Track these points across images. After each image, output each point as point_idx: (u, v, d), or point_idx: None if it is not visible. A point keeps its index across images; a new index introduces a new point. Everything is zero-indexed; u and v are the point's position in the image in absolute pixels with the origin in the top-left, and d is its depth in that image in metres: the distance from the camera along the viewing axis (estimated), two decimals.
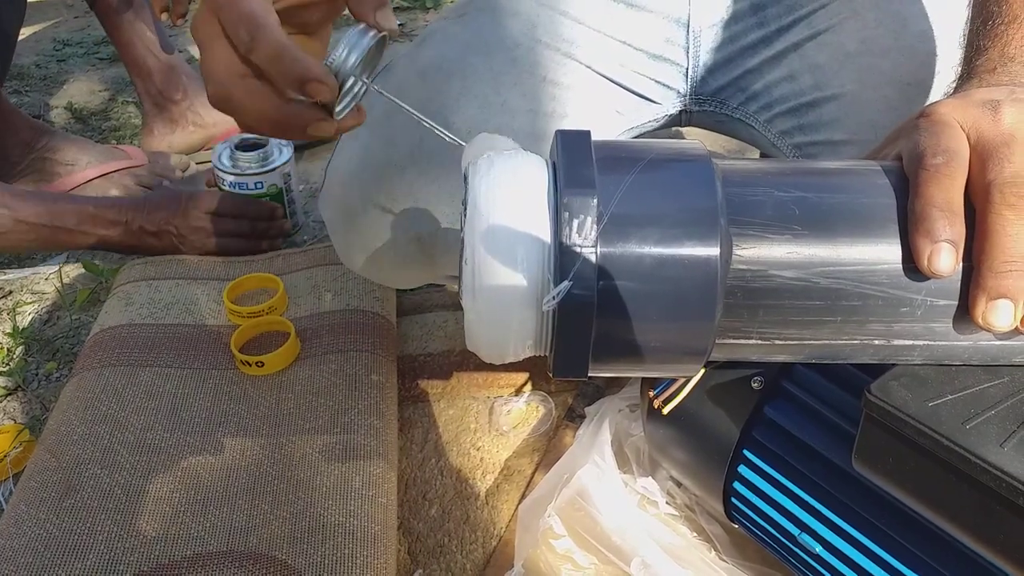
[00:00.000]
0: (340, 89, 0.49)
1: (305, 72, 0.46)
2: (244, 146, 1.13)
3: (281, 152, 1.12)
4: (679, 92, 0.79)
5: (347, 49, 0.48)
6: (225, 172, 1.10)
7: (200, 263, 0.99)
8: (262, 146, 1.11)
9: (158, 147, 1.34)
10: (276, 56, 0.46)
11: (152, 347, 0.84)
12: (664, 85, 0.78)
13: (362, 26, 0.50)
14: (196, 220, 1.03)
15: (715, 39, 0.76)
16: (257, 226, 1.07)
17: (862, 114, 0.69)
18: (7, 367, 0.96)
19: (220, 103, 0.49)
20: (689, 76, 0.78)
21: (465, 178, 0.42)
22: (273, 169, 1.10)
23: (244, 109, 0.49)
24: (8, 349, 0.98)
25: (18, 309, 1.05)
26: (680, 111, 0.81)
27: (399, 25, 1.86)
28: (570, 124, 0.75)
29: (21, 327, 1.01)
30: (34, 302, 1.07)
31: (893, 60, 0.70)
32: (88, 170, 1.19)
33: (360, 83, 0.51)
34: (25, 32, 1.13)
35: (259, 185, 1.10)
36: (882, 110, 0.69)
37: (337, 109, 0.50)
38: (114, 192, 1.20)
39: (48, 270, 1.12)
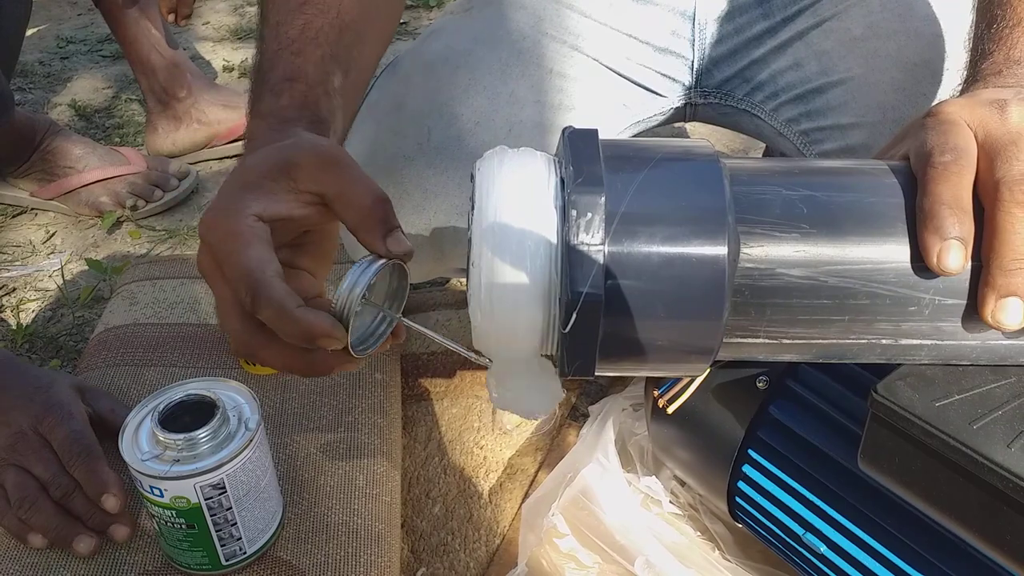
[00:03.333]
0: (347, 326, 0.44)
1: (309, 329, 0.43)
2: (180, 411, 0.60)
3: (233, 435, 0.59)
4: (684, 85, 0.79)
5: (351, 285, 0.44)
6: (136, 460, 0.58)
7: None
8: (208, 416, 0.58)
9: (162, 145, 1.34)
10: (279, 319, 0.44)
11: (156, 346, 0.84)
12: (670, 78, 0.79)
13: (372, 256, 0.46)
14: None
15: (720, 31, 0.76)
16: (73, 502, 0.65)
17: (869, 96, 0.70)
18: None
19: (244, 356, 0.47)
20: (694, 69, 0.78)
21: (472, 177, 0.42)
22: (199, 471, 0.57)
23: (268, 360, 0.47)
24: (12, 346, 0.98)
25: (21, 306, 1.06)
26: (685, 104, 0.81)
27: (402, 23, 1.86)
28: (576, 116, 0.75)
29: (24, 324, 1.01)
30: (37, 299, 1.07)
31: (899, 42, 0.70)
32: (86, 173, 1.19)
33: (385, 317, 0.48)
34: (29, 29, 1.13)
35: (158, 492, 0.58)
36: (889, 91, 0.69)
37: (359, 349, 0.46)
38: (104, 199, 1.20)
39: (51, 267, 1.12)
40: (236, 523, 0.60)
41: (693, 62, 0.78)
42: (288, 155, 0.47)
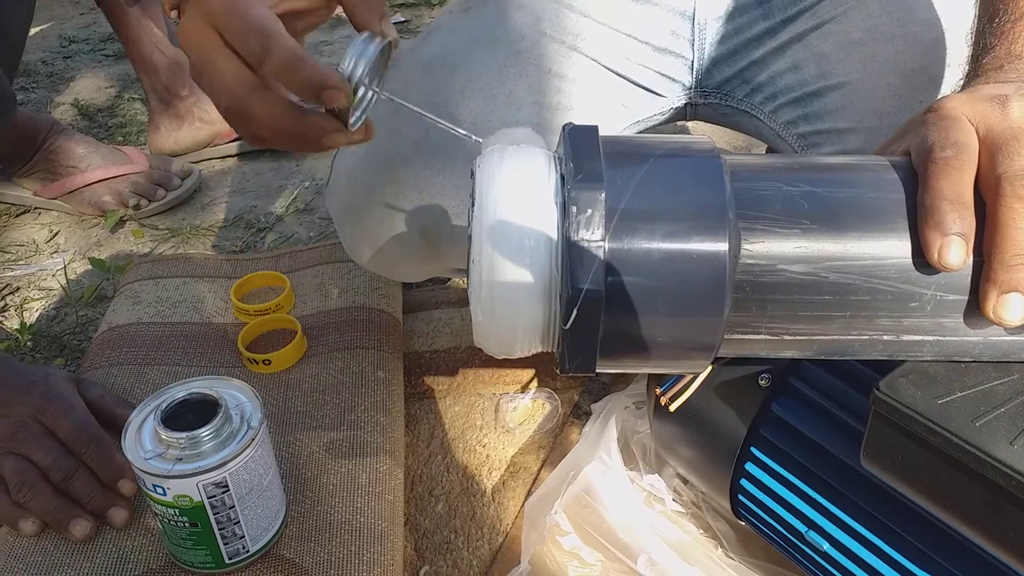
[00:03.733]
0: (355, 91, 0.47)
1: (322, 79, 0.45)
2: (183, 410, 0.60)
3: (235, 434, 0.59)
4: (684, 85, 0.79)
5: (355, 58, 0.47)
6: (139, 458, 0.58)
7: (207, 261, 0.99)
8: (210, 415, 0.58)
9: (164, 143, 1.34)
10: (292, 65, 0.45)
11: (159, 345, 0.84)
12: (669, 78, 0.78)
13: (366, 34, 0.49)
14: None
15: (720, 31, 0.76)
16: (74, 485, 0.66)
17: (866, 102, 0.69)
18: None
19: (234, 116, 0.48)
20: (694, 69, 0.78)
21: (472, 174, 0.42)
22: (201, 470, 0.57)
23: (259, 122, 0.48)
24: (16, 345, 0.99)
25: (25, 305, 1.06)
26: (685, 104, 0.81)
27: (404, 22, 1.86)
28: (575, 117, 0.75)
29: (28, 323, 1.01)
30: (41, 298, 1.07)
31: (897, 48, 0.70)
32: (89, 173, 1.20)
33: (370, 92, 0.50)
34: (31, 29, 1.13)
35: (160, 490, 0.58)
36: (886, 97, 0.69)
37: (351, 120, 0.49)
38: (107, 199, 1.20)
39: (55, 266, 1.12)
40: (239, 521, 0.60)
41: (693, 62, 0.77)
42: None
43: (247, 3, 0.46)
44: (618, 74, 0.77)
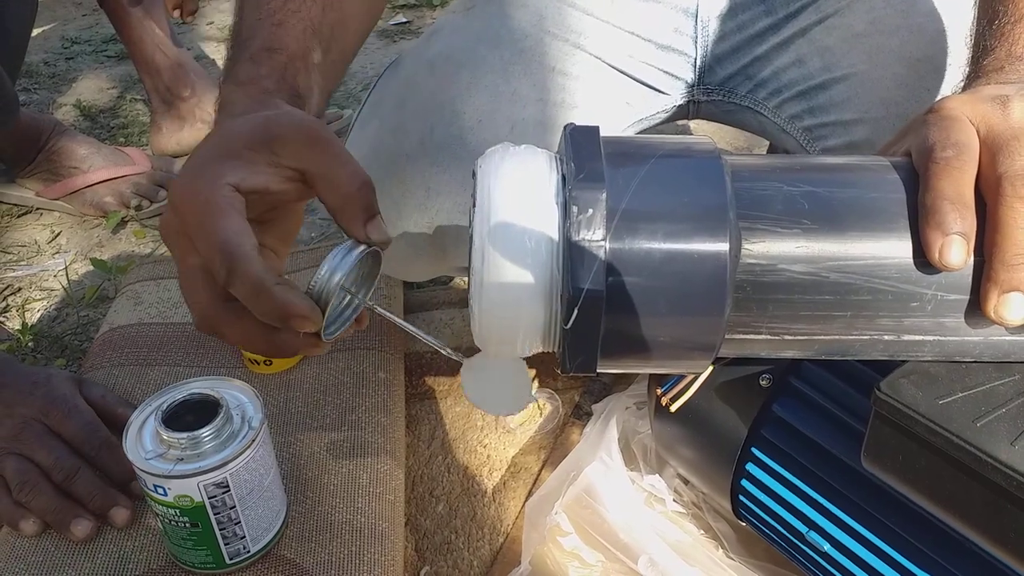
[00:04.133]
0: (325, 312, 0.44)
1: (286, 308, 0.42)
2: (184, 411, 0.60)
3: (236, 434, 0.59)
4: (687, 82, 0.79)
5: (330, 271, 0.44)
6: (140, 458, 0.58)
7: None
8: (211, 415, 0.58)
9: (166, 144, 1.34)
10: (255, 295, 0.42)
11: (161, 346, 0.84)
12: (672, 75, 0.78)
13: (351, 241, 0.45)
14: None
15: (723, 28, 0.76)
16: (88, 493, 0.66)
17: (872, 92, 0.69)
18: None
19: (206, 330, 0.46)
20: (697, 66, 0.78)
21: (474, 174, 0.42)
22: (202, 470, 0.57)
23: (231, 339, 0.46)
24: (18, 345, 0.99)
25: (27, 306, 1.06)
26: (688, 101, 0.81)
27: (406, 23, 1.86)
28: (579, 114, 0.75)
29: (30, 324, 1.01)
30: (43, 299, 1.07)
31: (902, 38, 0.70)
32: (91, 174, 1.20)
33: (354, 301, 0.48)
34: (34, 30, 1.13)
35: (161, 491, 0.58)
36: (892, 87, 0.69)
37: (327, 332, 0.46)
38: (109, 200, 1.20)
39: (56, 267, 1.12)
40: (240, 522, 0.60)
41: (696, 59, 0.77)
42: (272, 126, 0.45)
43: (218, 213, 0.43)
44: (621, 71, 0.77)
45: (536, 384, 0.89)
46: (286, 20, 0.53)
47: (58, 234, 1.20)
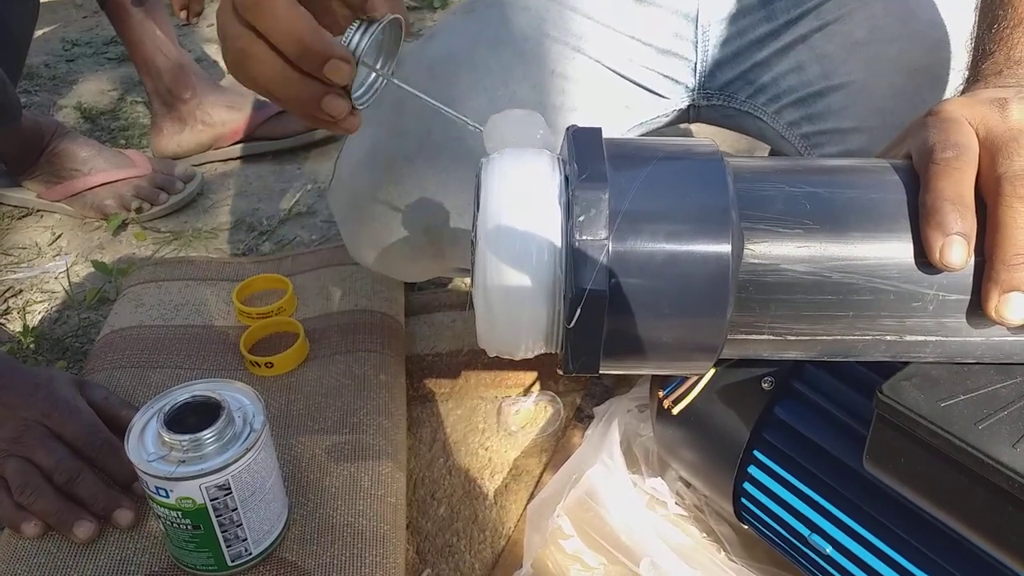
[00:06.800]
0: (356, 63, 0.48)
1: (324, 51, 0.45)
2: (186, 413, 0.60)
3: (238, 437, 0.59)
4: (687, 87, 0.79)
5: (359, 31, 0.47)
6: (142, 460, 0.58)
7: (209, 264, 0.99)
8: (213, 417, 0.58)
9: (167, 146, 1.34)
10: (294, 37, 0.45)
11: (162, 349, 0.85)
12: (672, 80, 0.78)
13: (367, 19, 0.49)
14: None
15: (723, 33, 0.76)
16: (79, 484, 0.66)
17: (870, 101, 0.70)
18: None
19: (234, 67, 0.48)
20: (697, 70, 0.78)
21: (477, 176, 0.42)
22: (204, 472, 0.57)
23: (257, 80, 0.48)
24: (19, 347, 0.99)
25: (28, 308, 1.06)
26: (688, 106, 0.81)
27: None
28: (579, 117, 0.75)
29: (31, 326, 1.01)
30: (44, 301, 1.07)
31: (900, 47, 0.70)
32: (92, 176, 1.20)
33: (378, 74, 0.51)
34: (35, 32, 1.14)
35: (163, 493, 0.57)
36: (890, 96, 0.69)
37: (355, 95, 0.49)
38: (110, 202, 1.20)
39: (57, 269, 1.13)
40: (242, 524, 0.60)
41: (696, 64, 0.78)
42: None
43: None
44: (621, 75, 0.77)
45: (538, 387, 0.89)
46: None
47: (59, 236, 1.20)
